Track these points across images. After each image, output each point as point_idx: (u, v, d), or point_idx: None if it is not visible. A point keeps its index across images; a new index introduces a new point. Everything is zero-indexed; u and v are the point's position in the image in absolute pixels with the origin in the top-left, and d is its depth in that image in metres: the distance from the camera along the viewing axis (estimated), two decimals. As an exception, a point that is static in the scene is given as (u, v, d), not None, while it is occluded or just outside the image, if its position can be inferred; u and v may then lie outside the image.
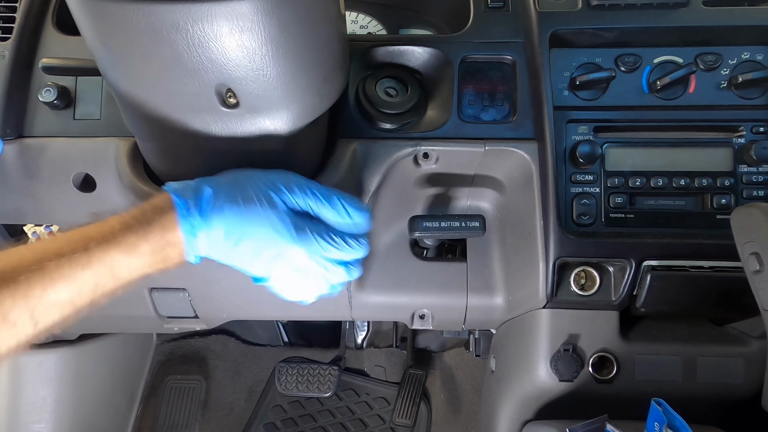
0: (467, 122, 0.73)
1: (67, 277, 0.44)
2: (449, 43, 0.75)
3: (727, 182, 0.71)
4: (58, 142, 0.73)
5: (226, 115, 0.55)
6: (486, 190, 0.80)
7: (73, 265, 0.45)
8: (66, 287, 0.44)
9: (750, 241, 0.55)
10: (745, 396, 0.73)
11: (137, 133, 0.65)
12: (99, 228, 0.47)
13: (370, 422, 1.31)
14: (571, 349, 0.72)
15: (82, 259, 0.45)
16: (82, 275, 0.45)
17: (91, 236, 0.47)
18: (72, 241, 0.46)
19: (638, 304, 0.71)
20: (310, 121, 0.61)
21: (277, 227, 0.52)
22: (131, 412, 1.31)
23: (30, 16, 0.74)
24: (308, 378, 1.33)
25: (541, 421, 0.76)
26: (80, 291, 0.46)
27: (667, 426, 0.59)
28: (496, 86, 0.75)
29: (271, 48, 0.49)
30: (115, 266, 0.47)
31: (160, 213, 0.50)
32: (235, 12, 0.45)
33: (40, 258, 0.44)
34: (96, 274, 0.46)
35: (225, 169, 0.64)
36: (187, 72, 0.50)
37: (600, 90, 0.73)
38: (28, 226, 0.84)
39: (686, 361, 0.73)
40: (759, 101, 0.73)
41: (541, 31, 0.72)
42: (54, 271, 0.44)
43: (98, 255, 0.46)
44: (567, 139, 0.72)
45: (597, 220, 0.72)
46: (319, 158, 0.72)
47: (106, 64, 0.53)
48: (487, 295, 0.80)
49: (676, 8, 0.72)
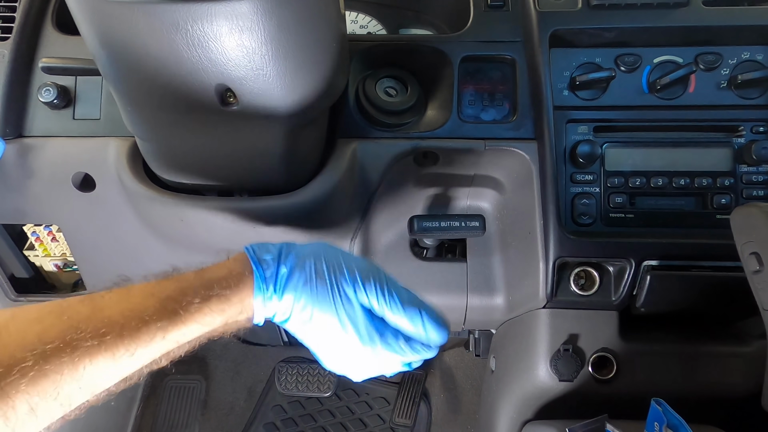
0: (467, 122, 0.73)
1: (136, 358, 0.42)
2: (449, 43, 0.75)
3: (727, 182, 0.71)
4: (57, 142, 0.73)
5: (226, 114, 0.55)
6: (486, 190, 0.80)
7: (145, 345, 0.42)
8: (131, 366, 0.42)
9: (750, 241, 0.54)
10: (745, 396, 0.72)
11: (137, 133, 0.65)
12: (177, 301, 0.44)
13: (370, 422, 1.31)
14: (571, 349, 0.72)
15: (156, 338, 0.42)
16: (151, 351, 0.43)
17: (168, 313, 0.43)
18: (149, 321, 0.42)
19: (638, 304, 0.71)
20: (309, 121, 0.61)
21: (344, 325, 0.49)
22: (131, 412, 1.31)
23: (30, 16, 0.74)
24: (308, 378, 1.33)
25: (541, 421, 0.76)
26: (143, 364, 0.43)
27: (667, 426, 0.59)
28: (496, 86, 0.75)
29: (270, 48, 0.49)
30: (186, 338, 0.45)
31: (237, 281, 0.47)
32: (235, 12, 0.45)
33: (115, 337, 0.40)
34: (163, 348, 0.44)
35: (225, 168, 0.64)
36: (187, 72, 0.50)
37: (600, 90, 0.73)
38: (28, 225, 0.84)
39: (686, 361, 0.73)
40: (759, 101, 0.72)
41: (541, 31, 0.72)
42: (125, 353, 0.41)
43: (173, 334, 0.43)
44: (567, 139, 0.72)
45: (597, 220, 0.72)
46: (319, 158, 0.72)
47: (106, 64, 0.53)
48: (487, 295, 0.80)
49: (676, 8, 0.72)
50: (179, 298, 0.44)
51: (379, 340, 0.51)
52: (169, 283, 0.45)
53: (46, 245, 0.87)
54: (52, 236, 0.85)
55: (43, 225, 0.84)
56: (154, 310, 0.43)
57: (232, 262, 0.49)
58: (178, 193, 0.69)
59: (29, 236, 0.86)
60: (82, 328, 0.40)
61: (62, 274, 0.91)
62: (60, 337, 0.39)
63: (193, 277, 0.47)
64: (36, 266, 0.89)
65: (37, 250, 0.87)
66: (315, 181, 0.70)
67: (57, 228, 0.84)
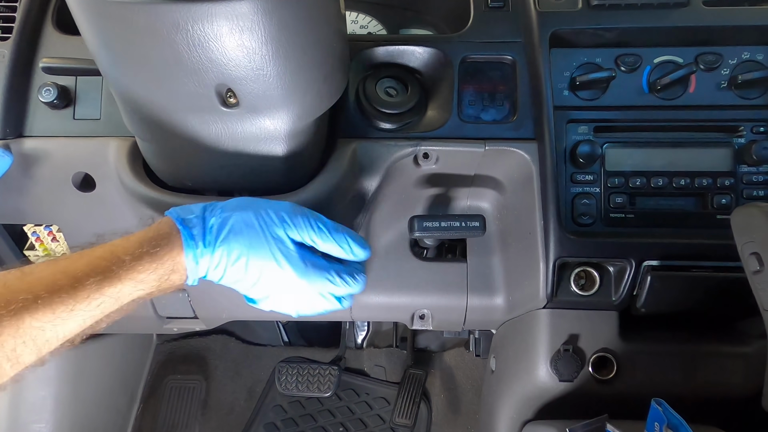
0: (467, 122, 0.73)
1: (76, 313, 0.44)
2: (449, 43, 0.75)
3: (727, 182, 0.71)
4: (58, 142, 0.73)
5: (226, 115, 0.55)
6: (486, 190, 0.80)
7: (82, 301, 0.44)
8: (73, 321, 0.44)
9: (750, 241, 0.55)
10: (745, 396, 0.72)
11: (137, 133, 0.65)
12: (108, 260, 0.47)
13: (370, 422, 1.31)
14: (571, 349, 0.72)
15: (93, 295, 0.45)
16: (90, 308, 0.45)
17: (100, 270, 0.46)
18: (82, 277, 0.45)
19: (638, 304, 0.71)
20: (310, 121, 0.61)
21: (281, 263, 0.53)
22: (131, 412, 1.31)
23: (30, 16, 0.74)
24: (308, 378, 1.33)
25: (541, 421, 0.76)
26: (86, 322, 0.46)
27: (667, 426, 0.59)
28: (496, 86, 0.75)
29: (271, 48, 0.49)
30: (122, 297, 0.47)
31: (166, 240, 0.50)
32: (235, 12, 0.45)
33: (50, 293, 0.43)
34: (103, 306, 0.46)
35: (225, 168, 0.64)
36: (187, 72, 0.50)
37: (600, 90, 0.73)
38: (28, 225, 0.84)
39: (686, 361, 0.73)
40: (759, 101, 0.72)
41: (541, 31, 0.72)
42: (64, 310, 0.43)
43: (109, 290, 0.46)
44: (567, 139, 0.72)
45: (597, 220, 0.72)
46: (319, 158, 0.72)
47: (106, 64, 0.53)
48: (487, 296, 0.80)
49: (676, 8, 0.72)
50: (109, 257, 0.47)
51: (312, 269, 0.56)
52: (98, 247, 0.48)
53: (46, 245, 0.87)
54: (52, 236, 0.85)
55: (43, 225, 0.84)
56: (85, 268, 0.46)
57: (158, 225, 0.52)
58: (178, 193, 0.69)
59: (29, 236, 0.86)
60: (14, 288, 0.42)
61: (62, 274, 0.90)
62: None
63: (121, 240, 0.50)
64: (36, 266, 0.89)
65: (38, 250, 0.87)
66: (315, 181, 0.70)
67: (57, 228, 0.84)
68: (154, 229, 0.51)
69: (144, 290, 0.49)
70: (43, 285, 0.43)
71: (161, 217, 0.53)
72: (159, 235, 0.50)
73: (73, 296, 0.44)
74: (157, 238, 0.50)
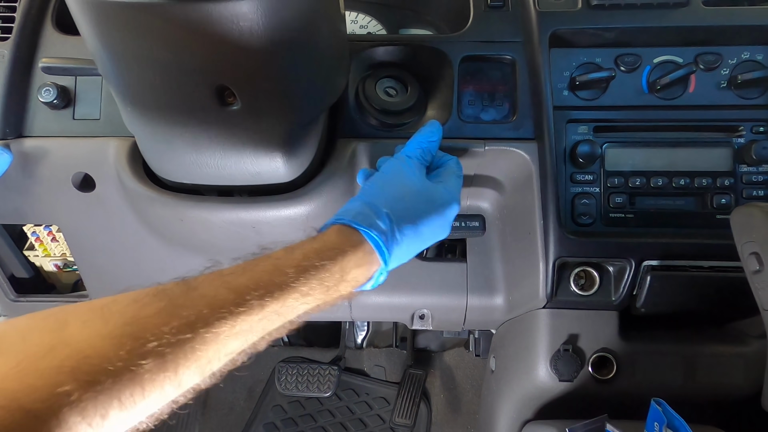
0: (467, 122, 0.73)
1: (241, 331, 0.42)
2: (449, 43, 0.75)
3: (726, 182, 0.71)
4: (57, 142, 0.73)
5: (225, 114, 0.55)
6: (486, 190, 0.80)
7: (248, 320, 0.42)
8: (240, 340, 0.42)
9: (750, 240, 0.55)
10: (745, 396, 0.73)
11: (137, 133, 0.64)
12: (271, 274, 0.45)
13: (370, 422, 1.31)
14: (571, 349, 0.72)
15: (258, 312, 0.42)
16: (256, 327, 0.43)
17: (265, 285, 0.43)
18: (245, 292, 0.42)
19: (638, 304, 0.71)
20: (309, 120, 0.61)
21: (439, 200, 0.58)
22: (131, 412, 1.31)
23: (30, 16, 0.74)
24: (308, 378, 1.33)
25: (541, 421, 0.76)
26: (251, 339, 0.43)
27: (667, 426, 0.59)
28: (496, 86, 0.75)
29: (270, 48, 0.49)
30: (286, 312, 0.45)
31: (336, 252, 0.48)
32: (235, 12, 0.45)
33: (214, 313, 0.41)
34: (269, 323, 0.44)
35: (225, 168, 0.64)
36: (187, 72, 0.50)
37: (600, 90, 0.73)
38: (28, 225, 0.84)
39: (686, 361, 0.73)
40: (759, 101, 0.72)
41: (541, 31, 0.72)
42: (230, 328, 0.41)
43: (273, 307, 0.43)
44: (567, 139, 0.72)
45: (597, 220, 0.72)
46: (319, 158, 0.72)
47: (105, 64, 0.53)
48: (487, 295, 0.80)
49: (676, 8, 0.72)
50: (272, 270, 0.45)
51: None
52: (260, 259, 0.46)
53: (46, 245, 0.87)
54: (52, 236, 0.85)
55: (43, 225, 0.84)
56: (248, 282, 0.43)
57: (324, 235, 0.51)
58: (178, 193, 0.69)
59: (29, 236, 0.86)
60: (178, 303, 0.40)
61: (62, 274, 0.91)
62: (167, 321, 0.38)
63: (284, 251, 0.47)
64: (36, 266, 0.89)
65: (37, 250, 0.87)
66: (315, 181, 0.70)
67: (57, 228, 0.84)
68: (320, 240, 0.49)
69: (309, 304, 0.46)
70: (206, 301, 0.41)
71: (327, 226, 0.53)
72: (326, 246, 0.48)
73: (235, 313, 0.41)
74: (324, 248, 0.48)
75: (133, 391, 0.36)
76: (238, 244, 0.72)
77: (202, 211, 0.69)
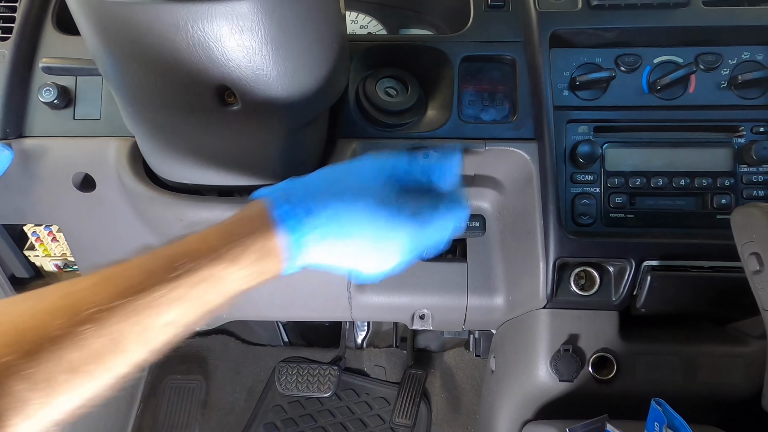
0: (467, 122, 0.73)
1: (176, 298, 0.42)
2: (449, 43, 0.75)
3: (727, 182, 0.71)
4: (58, 142, 0.73)
5: (226, 114, 0.55)
6: (486, 190, 0.80)
7: (181, 285, 0.42)
8: (176, 308, 0.42)
9: (750, 241, 0.55)
10: (745, 396, 0.72)
11: (137, 133, 0.65)
12: (198, 243, 0.45)
13: (370, 422, 1.31)
14: (571, 349, 0.72)
15: (189, 277, 0.42)
16: (191, 294, 0.43)
17: (193, 252, 0.44)
18: (176, 259, 0.43)
19: (638, 304, 0.71)
20: (310, 121, 0.61)
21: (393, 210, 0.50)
22: (131, 411, 1.31)
23: (30, 16, 0.74)
24: (308, 378, 1.34)
25: (541, 421, 0.76)
26: (189, 310, 0.43)
27: (667, 426, 0.59)
28: (496, 86, 0.75)
29: (271, 48, 0.49)
30: (221, 281, 0.44)
31: (256, 222, 0.47)
32: (235, 12, 0.45)
33: (147, 280, 0.41)
34: (203, 291, 0.44)
35: (225, 168, 0.64)
36: (187, 72, 0.50)
37: (600, 90, 0.73)
38: (28, 225, 0.84)
39: (686, 361, 0.73)
40: (759, 101, 0.72)
41: (541, 31, 0.72)
42: (163, 295, 0.41)
43: (204, 272, 0.43)
44: (567, 139, 0.72)
45: (597, 220, 0.72)
46: (319, 158, 0.72)
47: (106, 64, 0.53)
48: (487, 295, 0.80)
49: (676, 8, 0.72)
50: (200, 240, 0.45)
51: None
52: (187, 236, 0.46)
53: (46, 245, 0.87)
54: (52, 236, 0.86)
55: (43, 225, 0.84)
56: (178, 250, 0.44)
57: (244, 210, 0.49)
58: (178, 193, 0.69)
59: (29, 236, 0.86)
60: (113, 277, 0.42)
61: (62, 274, 0.91)
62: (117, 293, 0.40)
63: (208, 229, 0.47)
64: (36, 266, 0.89)
65: (38, 250, 0.87)
66: (315, 181, 0.69)
67: (57, 228, 0.84)
68: (242, 212, 0.48)
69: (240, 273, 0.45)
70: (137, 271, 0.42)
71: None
72: (247, 216, 0.47)
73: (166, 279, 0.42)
74: (246, 219, 0.47)
75: (79, 355, 0.37)
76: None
77: (202, 211, 0.69)
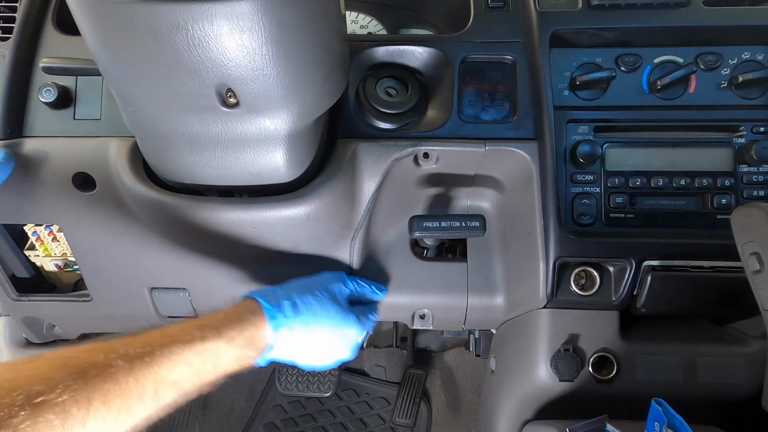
0: (467, 122, 0.73)
1: (185, 361, 0.51)
2: (449, 43, 0.75)
3: (727, 182, 0.71)
4: (58, 142, 0.73)
5: (226, 114, 0.55)
6: (486, 189, 0.80)
7: (191, 350, 0.52)
8: (183, 369, 0.51)
9: (750, 241, 0.55)
10: (745, 396, 0.72)
11: (137, 133, 0.65)
12: (208, 321, 0.56)
13: (370, 422, 1.31)
14: (571, 349, 0.72)
15: (197, 345, 0.52)
16: (196, 360, 0.52)
17: (204, 328, 0.55)
18: (190, 330, 0.53)
19: (638, 304, 0.71)
20: (310, 121, 0.61)
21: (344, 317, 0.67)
22: (131, 411, 1.31)
23: (30, 16, 0.74)
24: (308, 378, 1.34)
25: (541, 421, 0.76)
26: (191, 376, 0.52)
27: (667, 426, 0.59)
28: (496, 86, 0.75)
29: (271, 48, 0.49)
30: (217, 356, 0.54)
31: (251, 313, 0.60)
32: (236, 12, 0.45)
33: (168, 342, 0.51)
34: (204, 361, 0.53)
35: (225, 168, 0.64)
36: (187, 72, 0.50)
37: (600, 90, 0.73)
38: (29, 225, 0.84)
39: (686, 361, 0.73)
40: (759, 101, 0.73)
41: (541, 31, 0.72)
42: (177, 355, 0.50)
43: (208, 344, 0.54)
44: (567, 139, 0.72)
45: (597, 220, 0.72)
46: (319, 158, 0.72)
47: (106, 64, 0.53)
48: (487, 295, 0.80)
49: (676, 8, 0.72)
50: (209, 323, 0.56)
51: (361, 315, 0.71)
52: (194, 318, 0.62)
53: (46, 245, 0.87)
54: (52, 236, 0.85)
55: (43, 225, 0.84)
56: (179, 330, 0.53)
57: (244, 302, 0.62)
58: (178, 193, 0.69)
59: (30, 236, 0.86)
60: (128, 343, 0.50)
61: (63, 273, 0.91)
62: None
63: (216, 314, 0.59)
64: (37, 266, 0.89)
65: (38, 250, 0.87)
66: (315, 182, 0.70)
67: (58, 228, 0.84)
68: (241, 305, 0.61)
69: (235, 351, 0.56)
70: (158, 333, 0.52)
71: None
72: (246, 308, 0.60)
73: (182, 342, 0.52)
74: (244, 309, 0.60)
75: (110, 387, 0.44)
76: (239, 244, 0.72)
77: (203, 211, 0.69)
